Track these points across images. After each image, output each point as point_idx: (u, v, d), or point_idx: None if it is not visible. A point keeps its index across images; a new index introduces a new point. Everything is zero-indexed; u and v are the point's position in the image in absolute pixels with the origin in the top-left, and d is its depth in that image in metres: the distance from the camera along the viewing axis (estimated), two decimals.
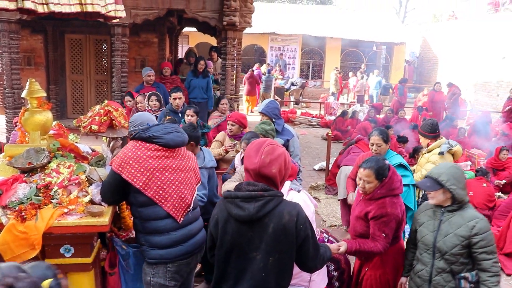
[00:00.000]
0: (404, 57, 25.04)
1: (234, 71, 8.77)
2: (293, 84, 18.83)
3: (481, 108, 15.49)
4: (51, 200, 2.92)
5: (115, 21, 3.60)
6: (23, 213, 2.78)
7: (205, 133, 5.79)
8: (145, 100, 6.47)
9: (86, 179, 3.12)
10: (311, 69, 24.35)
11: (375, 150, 4.39)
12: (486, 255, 2.86)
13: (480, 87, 18.35)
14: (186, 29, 14.31)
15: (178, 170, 2.93)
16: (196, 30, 11.56)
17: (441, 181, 2.94)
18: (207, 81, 8.50)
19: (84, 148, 3.79)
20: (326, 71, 23.14)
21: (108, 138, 4.08)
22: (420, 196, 5.14)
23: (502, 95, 16.10)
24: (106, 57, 9.85)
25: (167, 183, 2.85)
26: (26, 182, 3.05)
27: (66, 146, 3.45)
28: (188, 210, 2.95)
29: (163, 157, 2.88)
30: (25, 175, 3.14)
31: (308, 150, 10.89)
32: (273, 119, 4.86)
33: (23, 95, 3.54)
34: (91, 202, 3.02)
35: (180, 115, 6.07)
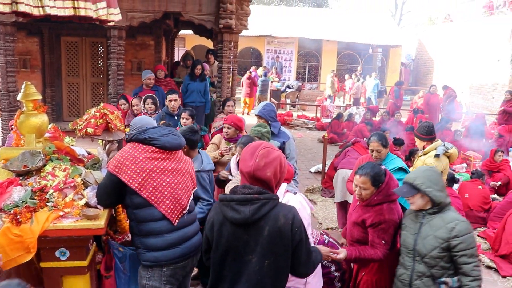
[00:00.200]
0: (400, 59, 25.12)
1: (230, 74, 8.76)
2: (289, 87, 18.86)
3: (476, 111, 15.56)
4: (47, 203, 2.91)
5: (111, 23, 3.59)
6: (18, 216, 2.77)
7: (202, 136, 5.78)
8: (140, 103, 6.45)
9: (82, 182, 3.12)
10: (307, 72, 24.41)
11: (375, 156, 4.39)
12: (466, 259, 2.80)
13: (475, 90, 18.43)
14: (183, 32, 14.29)
15: (174, 173, 2.93)
16: (193, 32, 11.55)
17: (417, 185, 2.92)
18: (204, 84, 8.48)
19: (80, 151, 3.77)
20: (322, 73, 23.20)
21: (104, 141, 4.08)
22: None
23: (497, 97, 16.18)
24: (102, 59, 9.81)
25: (163, 184, 2.86)
26: (22, 185, 3.04)
27: (62, 149, 3.44)
28: (183, 212, 2.95)
29: (160, 159, 2.88)
30: (21, 178, 3.13)
31: (304, 152, 10.90)
32: (270, 121, 4.86)
33: (19, 97, 3.53)
34: (87, 205, 3.02)
35: (176, 117, 6.06)
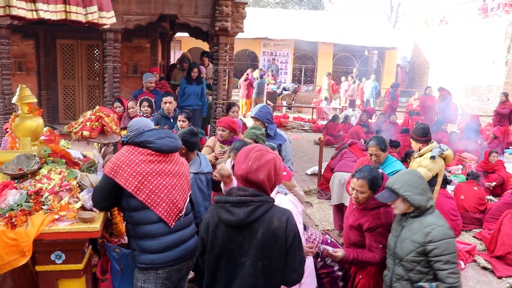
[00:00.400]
0: (396, 61, 25.20)
1: (226, 76, 8.76)
2: (285, 89, 18.88)
3: (471, 112, 15.62)
4: (42, 207, 2.90)
5: (105, 26, 3.58)
6: (13, 220, 2.75)
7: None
8: (136, 106, 6.45)
9: (77, 185, 3.11)
10: (303, 74, 24.45)
11: (374, 160, 4.39)
12: (441, 265, 2.77)
13: (470, 91, 18.51)
14: (178, 34, 14.31)
15: (170, 175, 2.93)
16: (189, 35, 11.56)
17: (395, 189, 2.91)
18: (201, 87, 8.46)
19: (76, 154, 3.77)
20: (318, 76, 23.24)
21: (99, 144, 4.07)
22: None
23: (493, 99, 16.26)
24: (98, 62, 9.81)
25: (159, 187, 2.85)
26: (17, 189, 3.03)
27: (57, 152, 3.43)
28: (180, 215, 2.94)
29: (156, 162, 2.88)
30: (16, 181, 3.12)
31: (301, 154, 10.91)
32: (266, 123, 4.87)
33: (14, 100, 3.51)
34: (82, 208, 3.00)
35: (172, 120, 6.06)
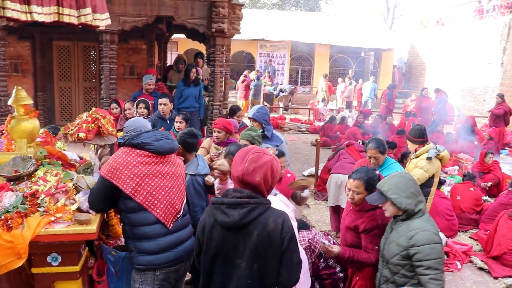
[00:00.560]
0: (392, 63, 25.28)
1: (223, 78, 8.76)
2: (282, 91, 18.91)
3: (468, 113, 15.67)
4: (38, 209, 2.89)
5: (101, 28, 3.57)
6: (9, 222, 2.74)
7: None
8: (133, 107, 6.44)
9: (74, 187, 3.11)
10: (300, 75, 24.48)
11: (373, 163, 4.40)
12: (422, 270, 2.74)
13: (467, 93, 18.57)
14: (175, 36, 14.30)
15: (168, 177, 2.94)
16: (185, 37, 11.56)
17: (383, 192, 2.90)
18: (199, 89, 8.40)
19: (72, 156, 3.76)
20: (315, 77, 23.27)
21: (95, 146, 4.06)
22: None
23: (489, 100, 16.31)
24: (95, 63, 9.80)
25: (157, 189, 2.86)
26: (13, 191, 3.02)
27: (54, 153, 3.42)
28: (177, 216, 2.96)
29: (153, 163, 2.89)
30: (12, 183, 3.11)
31: (297, 156, 10.92)
32: (263, 124, 4.88)
33: (9, 102, 3.50)
34: (79, 210, 3.00)
35: (168, 121, 6.06)
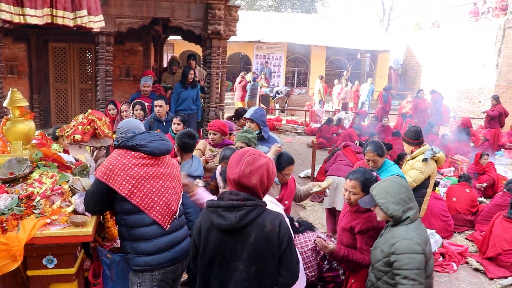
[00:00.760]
0: (388, 64, 25.36)
1: (219, 80, 8.76)
2: (278, 93, 18.92)
3: (463, 115, 15.74)
4: (33, 211, 2.88)
5: (96, 30, 3.57)
6: (4, 224, 2.73)
7: None
8: (129, 109, 6.44)
9: (69, 189, 3.10)
10: (296, 77, 24.51)
11: (371, 166, 4.40)
12: (400, 279, 2.69)
13: (462, 94, 18.65)
14: (171, 38, 14.27)
15: (163, 178, 2.94)
16: (181, 38, 11.54)
17: (373, 195, 2.88)
18: (196, 91, 8.37)
19: (68, 158, 3.75)
20: (311, 79, 23.31)
21: (91, 148, 4.05)
22: None
23: (484, 101, 16.40)
24: (91, 65, 9.77)
25: (153, 190, 2.86)
26: (8, 193, 3.01)
27: (49, 155, 3.41)
28: (174, 217, 2.96)
29: (149, 165, 2.89)
30: (7, 185, 3.10)
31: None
32: (261, 126, 4.88)
33: (5, 104, 3.49)
34: (74, 212, 2.99)
35: (164, 123, 6.05)
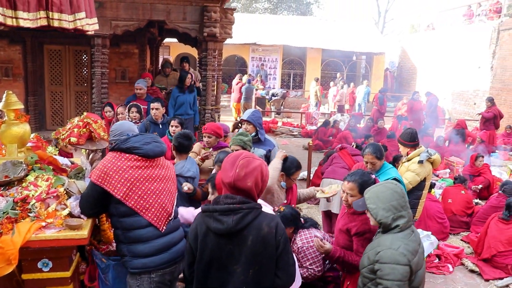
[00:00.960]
0: (384, 66, 25.45)
1: (215, 82, 8.76)
2: (274, 95, 18.95)
3: (458, 117, 15.81)
4: (29, 214, 2.87)
5: (90, 32, 3.56)
6: None
7: None
8: (125, 111, 6.42)
9: (65, 192, 3.08)
10: (292, 79, 24.55)
11: (370, 168, 4.40)
12: None
13: (457, 96, 18.73)
14: (167, 40, 14.28)
15: (158, 180, 2.94)
16: (177, 41, 11.55)
17: (365, 199, 2.85)
18: (193, 96, 8.31)
19: (63, 161, 3.74)
20: (307, 81, 23.36)
21: (87, 151, 4.04)
22: None
23: (479, 103, 16.48)
24: (86, 68, 9.75)
25: (148, 192, 2.86)
26: (3, 196, 3.00)
27: (45, 158, 3.40)
28: (169, 218, 2.96)
29: (143, 167, 2.89)
30: (2, 188, 3.09)
31: None
32: (258, 128, 4.89)
33: (0, 107, 3.49)
34: (70, 215, 2.98)
35: (160, 126, 6.04)
